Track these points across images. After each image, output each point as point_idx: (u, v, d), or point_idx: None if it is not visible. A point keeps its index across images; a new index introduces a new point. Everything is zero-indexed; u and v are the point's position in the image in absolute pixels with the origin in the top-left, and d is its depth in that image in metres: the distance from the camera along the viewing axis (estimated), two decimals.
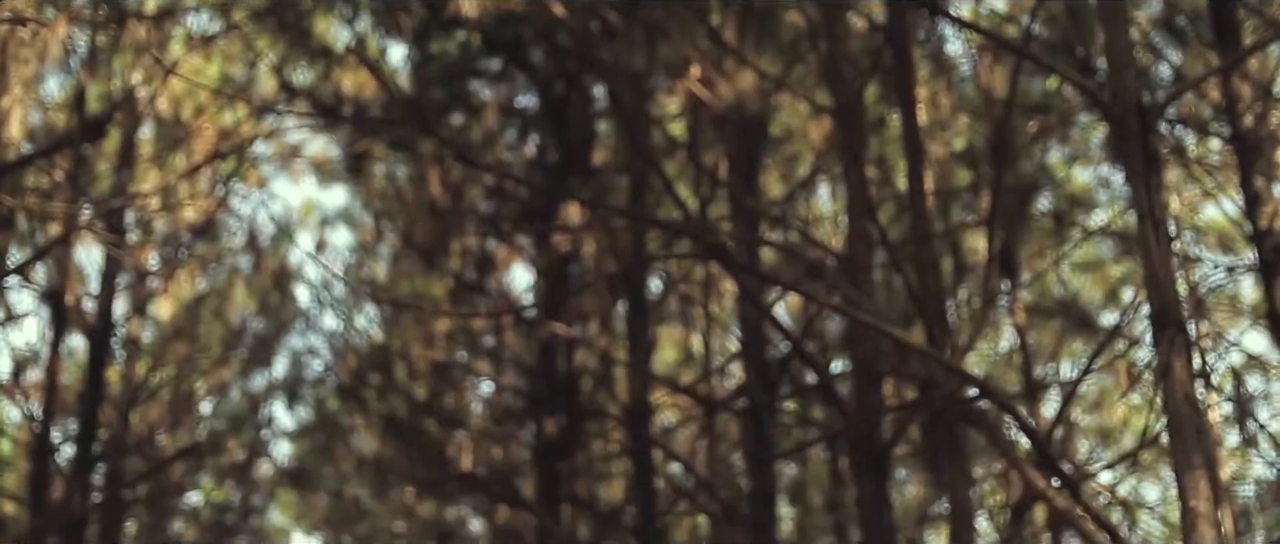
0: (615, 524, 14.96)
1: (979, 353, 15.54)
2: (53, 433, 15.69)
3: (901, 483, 17.39)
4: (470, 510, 19.53)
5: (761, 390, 12.09)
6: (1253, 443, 10.80)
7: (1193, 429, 6.14)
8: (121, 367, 18.29)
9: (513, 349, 16.96)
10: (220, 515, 21.09)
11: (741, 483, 14.32)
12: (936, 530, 17.51)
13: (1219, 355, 10.91)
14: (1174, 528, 14.27)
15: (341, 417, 20.60)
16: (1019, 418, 6.87)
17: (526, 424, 16.43)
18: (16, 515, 16.48)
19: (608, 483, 17.77)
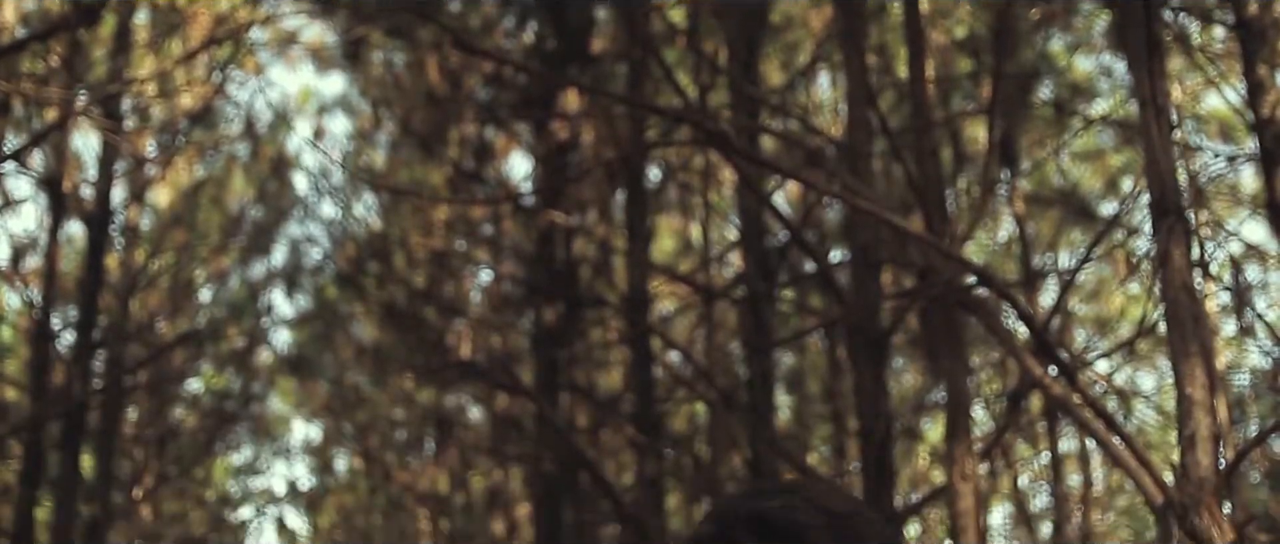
0: (613, 411, 15.05)
1: (978, 242, 15.54)
2: (53, 319, 15.72)
3: (899, 371, 17.48)
4: (469, 398, 19.65)
5: (760, 279, 12.10)
6: (1249, 332, 10.83)
7: (1190, 317, 6.14)
8: (120, 254, 18.29)
9: (511, 237, 16.96)
10: (220, 402, 21.22)
11: (739, 371, 14.38)
12: (933, 418, 17.63)
13: (1218, 245, 10.91)
14: (1169, 417, 14.34)
15: (340, 305, 20.66)
16: (1017, 306, 6.88)
17: (525, 312, 16.47)
18: (18, 401, 16.57)
19: (606, 371, 17.85)
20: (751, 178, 10.69)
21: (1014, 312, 8.58)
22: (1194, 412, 5.92)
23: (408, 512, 21.86)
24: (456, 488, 20.92)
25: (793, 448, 15.34)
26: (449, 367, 16.61)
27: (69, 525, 15.02)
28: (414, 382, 20.32)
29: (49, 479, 15.45)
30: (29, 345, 16.32)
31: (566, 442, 13.32)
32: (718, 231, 15.92)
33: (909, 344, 14.98)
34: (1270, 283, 15.00)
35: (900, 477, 15.50)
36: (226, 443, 22.71)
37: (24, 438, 14.45)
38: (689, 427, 17.86)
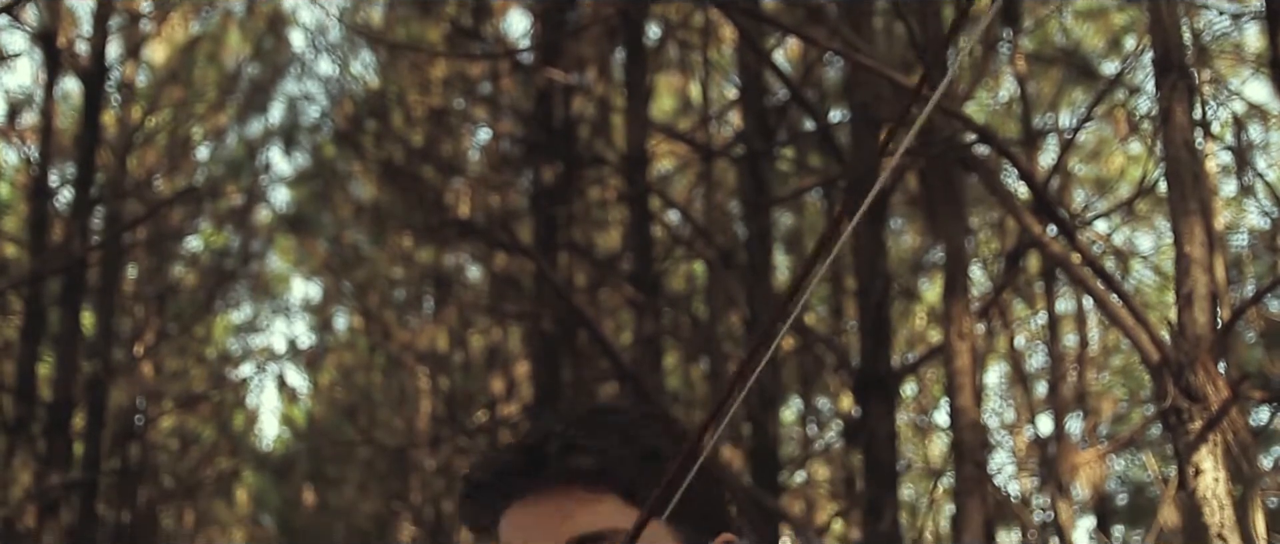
0: (612, 270, 15.07)
1: (978, 101, 15.45)
2: (50, 176, 15.69)
3: (897, 231, 17.48)
4: (468, 256, 19.68)
5: (759, 137, 12.05)
6: (1249, 192, 10.81)
7: (1190, 175, 6.12)
8: (117, 110, 18.21)
9: (510, 95, 16.86)
10: (219, 260, 21.26)
11: (738, 230, 14.39)
12: (931, 278, 17.67)
13: (1220, 104, 10.85)
14: (1167, 277, 14.38)
15: (339, 162, 20.61)
16: (1017, 164, 6.85)
17: (524, 170, 16.43)
18: (17, 257, 16.60)
19: (605, 229, 17.85)
20: (751, 35, 10.60)
21: (1014, 170, 8.56)
22: (1192, 270, 5.92)
23: (407, 370, 21.99)
24: (455, 346, 21.04)
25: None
26: (447, 225, 16.62)
27: (70, 381, 15.12)
28: (413, 240, 20.34)
29: (50, 335, 15.52)
30: (27, 202, 16.31)
31: (565, 300, 13.36)
32: (717, 90, 15.82)
33: (908, 203, 14.96)
34: (1272, 143, 14.96)
35: (897, 336, 15.57)
36: (226, 300, 22.79)
37: (24, 293, 14.50)
38: (687, 286, 17.91)
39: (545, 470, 1.65)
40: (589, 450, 1.65)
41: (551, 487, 1.65)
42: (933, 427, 19.12)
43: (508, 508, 1.67)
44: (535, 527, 1.64)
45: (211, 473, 23.15)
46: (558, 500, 1.64)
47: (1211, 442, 5.61)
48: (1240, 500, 6.14)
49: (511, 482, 1.67)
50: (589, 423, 1.69)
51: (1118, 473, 19.94)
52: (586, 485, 1.64)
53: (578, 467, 1.64)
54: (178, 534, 24.52)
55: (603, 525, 1.62)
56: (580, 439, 1.66)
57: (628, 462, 1.65)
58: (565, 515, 1.63)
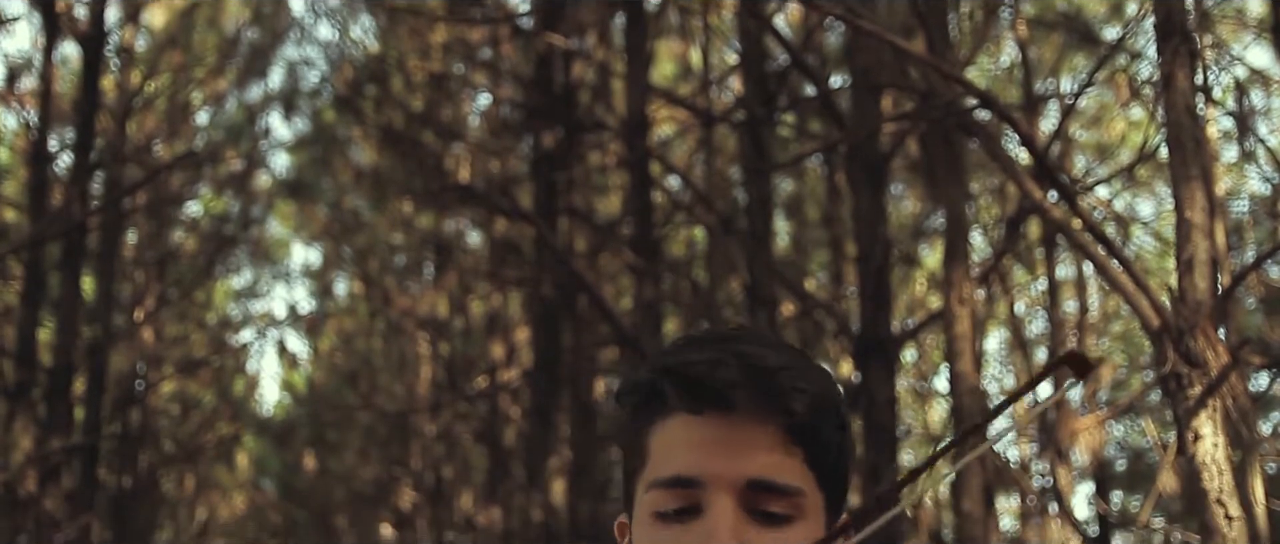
0: (612, 235, 15.07)
1: (979, 66, 15.41)
2: (50, 141, 15.67)
3: (898, 197, 17.46)
4: (468, 221, 19.67)
5: (760, 102, 12.02)
6: (1250, 158, 10.80)
7: (1192, 141, 6.10)
8: (116, 75, 18.17)
9: (510, 60, 16.82)
10: (219, 225, 21.25)
11: (738, 195, 14.37)
12: (931, 243, 17.67)
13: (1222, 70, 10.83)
14: (1167, 244, 14.37)
15: (339, 128, 20.59)
16: (1018, 129, 6.83)
17: (524, 136, 16.41)
18: (17, 222, 16.59)
19: (605, 195, 17.84)
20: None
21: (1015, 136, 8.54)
22: (1193, 235, 5.91)
23: (407, 335, 22.01)
24: (455, 312, 21.05)
25: (791, 273, 15.40)
26: (448, 190, 16.61)
27: (70, 346, 15.13)
28: (413, 205, 20.32)
29: (50, 300, 15.53)
30: (27, 167, 16.29)
31: (565, 266, 13.36)
32: (717, 55, 15.78)
33: (909, 169, 14.94)
34: (1273, 108, 14.92)
35: (897, 301, 15.57)
36: (226, 266, 22.80)
37: (24, 258, 14.49)
38: (688, 251, 17.91)
39: (767, 400, 1.53)
40: (808, 399, 1.54)
41: (757, 417, 1.53)
42: (932, 392, 19.16)
43: (701, 413, 1.54)
44: (721, 448, 1.52)
45: (212, 438, 23.20)
46: (755, 432, 1.52)
47: (1211, 407, 5.61)
48: (1239, 466, 6.14)
49: (728, 393, 1.53)
50: (807, 369, 1.57)
51: (1117, 439, 19.99)
52: (790, 432, 1.53)
53: (794, 411, 1.53)
54: (178, 499, 24.59)
55: (790, 480, 1.52)
56: (805, 383, 1.54)
57: (829, 424, 1.56)
58: (755, 450, 1.52)
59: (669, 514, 1.54)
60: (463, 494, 21.58)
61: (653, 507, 1.56)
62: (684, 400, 1.55)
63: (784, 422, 1.53)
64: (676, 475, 1.54)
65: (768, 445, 1.53)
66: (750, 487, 1.52)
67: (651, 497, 1.56)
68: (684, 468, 1.53)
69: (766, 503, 1.52)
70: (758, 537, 1.51)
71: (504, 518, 17.71)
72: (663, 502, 1.55)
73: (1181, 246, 5.95)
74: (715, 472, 1.52)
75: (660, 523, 1.55)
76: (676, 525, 1.54)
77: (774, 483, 1.52)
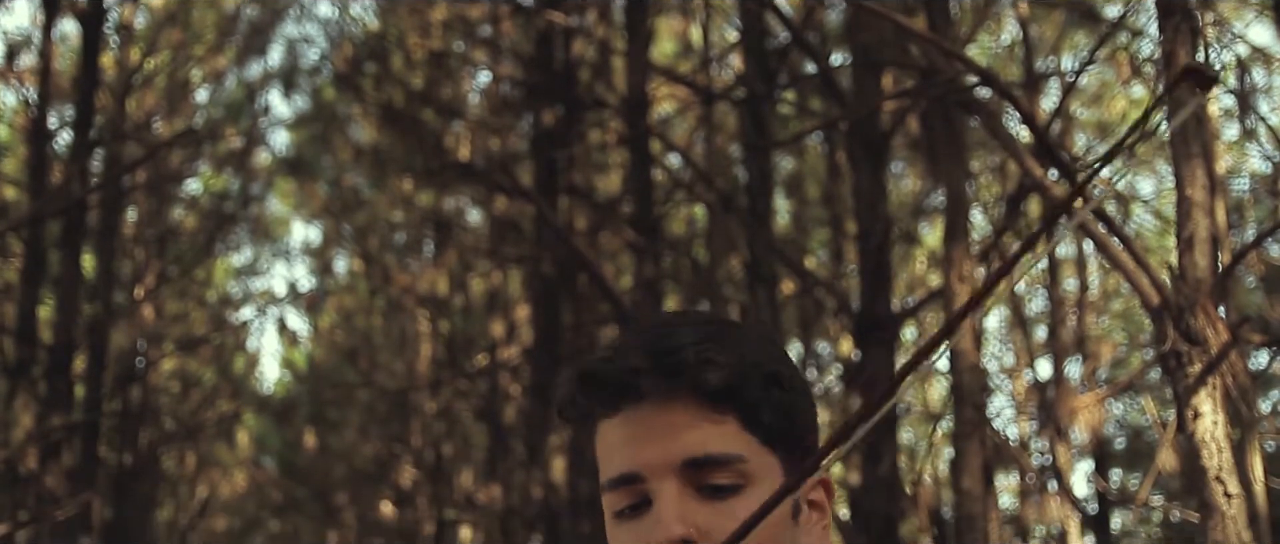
0: (612, 213, 15.06)
1: (980, 44, 15.38)
2: (49, 118, 15.65)
3: (898, 175, 17.45)
4: (468, 199, 19.65)
5: (760, 80, 12.00)
6: (1251, 136, 10.79)
7: (1193, 117, 6.10)
8: (116, 52, 18.14)
9: (510, 38, 16.79)
10: (219, 203, 21.24)
11: (739, 173, 14.36)
12: (932, 222, 17.66)
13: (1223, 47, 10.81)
14: (1167, 222, 14.37)
15: (338, 105, 20.56)
16: (1019, 106, 6.82)
17: (524, 113, 16.39)
18: (17, 199, 16.58)
19: (605, 173, 17.83)
20: None
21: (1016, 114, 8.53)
22: (1193, 213, 5.90)
23: (407, 313, 22.00)
24: (455, 290, 21.04)
25: (791, 251, 15.39)
26: (448, 168, 16.59)
27: (71, 324, 15.14)
28: (413, 183, 20.30)
29: (50, 278, 15.53)
30: (26, 144, 16.28)
31: (565, 243, 13.35)
32: (718, 32, 15.76)
33: (909, 147, 14.93)
34: (1275, 86, 14.90)
35: (898, 280, 15.58)
36: (226, 243, 22.79)
37: (24, 236, 14.49)
38: (688, 229, 17.90)
39: (674, 378, 1.55)
40: (723, 366, 1.55)
41: (673, 397, 1.55)
42: (932, 371, 19.15)
43: (619, 409, 1.58)
44: (649, 437, 1.55)
45: (212, 415, 23.22)
46: (676, 412, 1.55)
47: (1210, 385, 5.62)
48: (1239, 444, 6.15)
49: (633, 382, 1.56)
50: (721, 336, 1.58)
51: (1116, 417, 20.01)
52: (712, 403, 1.54)
53: (708, 382, 1.54)
54: (179, 476, 24.62)
55: (725, 449, 1.54)
56: (715, 353, 1.55)
57: (754, 384, 1.56)
58: (682, 430, 1.54)
59: (624, 512, 1.58)
60: (463, 472, 21.61)
61: (611, 508, 1.60)
62: (598, 403, 1.60)
63: (700, 395, 1.55)
64: (618, 474, 1.58)
65: (692, 422, 1.55)
66: (687, 465, 1.55)
67: (608, 500, 1.60)
68: (621, 466, 1.58)
69: (709, 477, 1.54)
70: (706, 513, 1.53)
71: (504, 495, 17.74)
72: (616, 502, 1.59)
73: (1182, 224, 5.95)
74: (649, 461, 1.55)
75: (619, 522, 1.59)
76: (632, 521, 1.57)
77: (709, 456, 1.54)
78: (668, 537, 1.52)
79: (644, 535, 1.55)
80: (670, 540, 1.52)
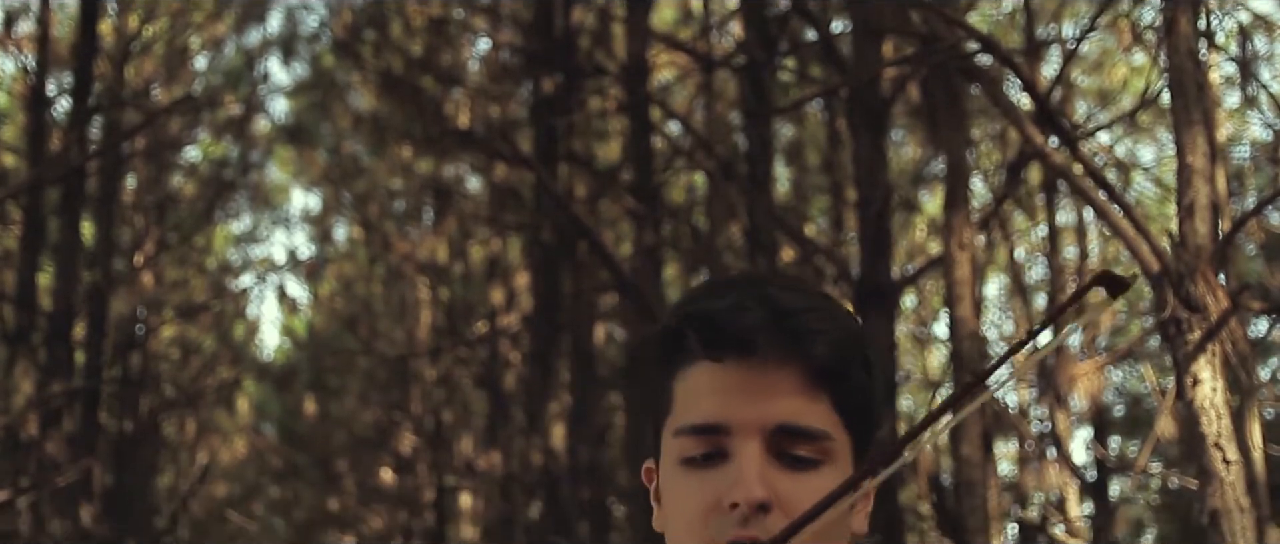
0: (612, 181, 15.05)
1: (981, 11, 15.35)
2: (48, 85, 15.63)
3: (899, 142, 17.43)
4: (467, 167, 19.63)
5: (760, 47, 11.98)
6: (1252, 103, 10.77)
7: (1194, 86, 6.09)
8: (114, 20, 18.09)
9: (509, 5, 16.74)
10: (218, 170, 21.21)
11: (739, 140, 14.34)
12: (932, 190, 17.64)
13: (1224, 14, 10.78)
14: (1168, 190, 14.35)
15: (338, 73, 20.51)
16: (1020, 73, 6.82)
17: (523, 81, 16.36)
18: (16, 167, 16.57)
19: (605, 140, 17.80)
20: None
21: (1016, 81, 8.52)
22: (1194, 180, 5.91)
23: (407, 281, 22.00)
24: (455, 257, 21.04)
25: (791, 218, 15.39)
26: (447, 136, 16.56)
27: (70, 291, 15.14)
28: (412, 151, 20.27)
29: (50, 245, 15.53)
30: (25, 111, 16.25)
31: (565, 211, 13.35)
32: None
33: (909, 114, 14.91)
34: (1276, 54, 14.87)
35: (897, 247, 15.57)
36: (225, 211, 22.77)
37: (23, 203, 14.48)
38: (688, 197, 17.89)
39: (791, 344, 1.52)
40: (832, 342, 1.53)
41: (782, 362, 1.52)
42: (932, 338, 19.18)
43: (725, 359, 1.53)
44: (746, 393, 1.52)
45: (213, 382, 23.24)
46: (780, 377, 1.52)
47: (1210, 352, 5.63)
48: (1238, 411, 6.16)
49: (751, 338, 1.52)
50: (831, 311, 1.56)
51: (1115, 384, 20.04)
52: (815, 376, 1.52)
53: (818, 354, 1.52)
54: (179, 443, 24.66)
55: (816, 424, 1.52)
56: (827, 325, 1.53)
57: (854, 365, 1.54)
58: (781, 396, 1.51)
59: (696, 460, 1.54)
60: (463, 438, 21.64)
61: (680, 453, 1.56)
62: (706, 347, 1.54)
63: (808, 365, 1.53)
64: (703, 422, 1.54)
65: (793, 389, 1.52)
66: (777, 431, 1.52)
67: (678, 443, 1.56)
68: (710, 415, 1.54)
69: (793, 447, 1.52)
70: (785, 481, 1.51)
71: (504, 462, 17.78)
72: (689, 448, 1.55)
73: (1182, 191, 5.95)
74: (741, 417, 1.52)
75: (687, 469, 1.55)
76: (703, 471, 1.54)
77: (801, 427, 1.52)
78: (748, 496, 1.50)
79: (719, 488, 1.52)
80: (751, 500, 1.50)
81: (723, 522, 1.51)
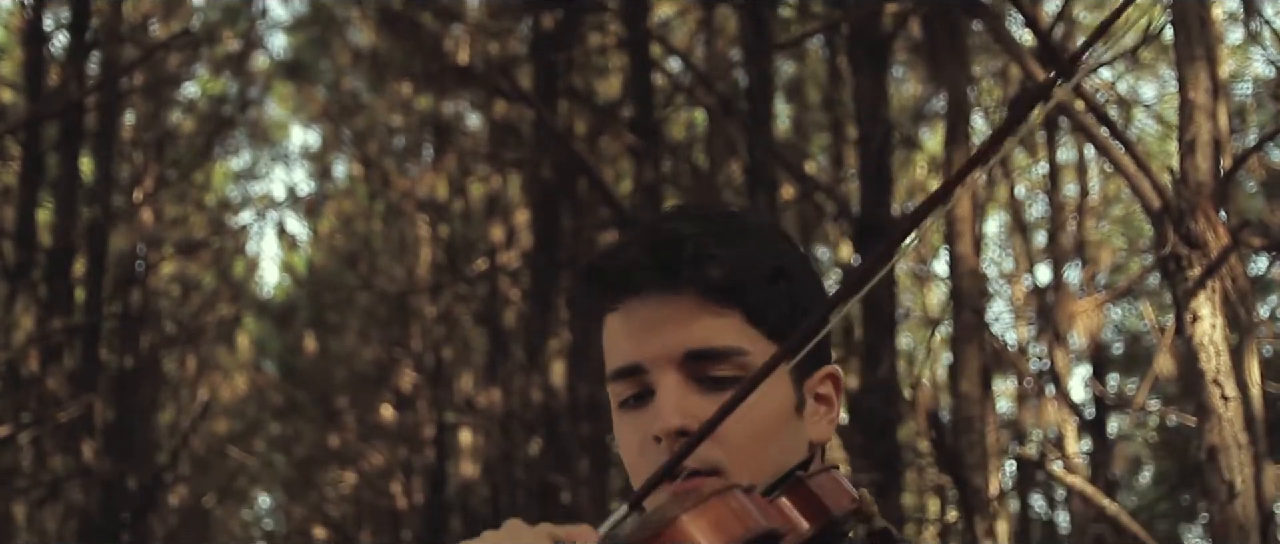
0: (612, 117, 15.00)
1: None
2: (45, 20, 15.54)
3: (900, 79, 17.36)
4: (467, 104, 19.58)
5: None
6: (1256, 39, 10.72)
7: (1196, 21, 6.06)
8: None
9: None
10: (217, 107, 21.16)
11: (739, 77, 14.29)
12: (932, 127, 17.60)
13: None
14: (1169, 127, 14.31)
15: (337, 8, 20.41)
16: (1021, 9, 6.77)
17: (523, 17, 16.28)
18: (14, 102, 16.52)
19: (605, 76, 17.74)
20: None
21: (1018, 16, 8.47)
22: (1196, 116, 5.88)
23: (406, 218, 21.99)
24: (455, 194, 21.02)
25: (791, 155, 15.36)
26: (447, 72, 16.51)
27: (70, 227, 15.13)
28: (412, 87, 20.21)
29: (48, 181, 15.50)
30: (22, 46, 16.18)
31: (565, 148, 13.31)
32: None
33: (910, 50, 14.84)
34: None
35: (898, 184, 15.54)
36: (225, 147, 22.73)
37: (21, 139, 14.45)
38: (688, 133, 17.85)
39: (675, 273, 1.56)
40: (725, 260, 1.56)
41: (675, 291, 1.56)
42: (931, 275, 19.19)
43: (623, 302, 1.59)
44: (650, 329, 1.57)
45: (213, 319, 23.28)
46: (678, 306, 1.56)
47: (1210, 288, 5.62)
48: (1237, 348, 6.17)
49: (635, 276, 1.57)
50: (724, 231, 1.59)
51: (1115, 321, 20.07)
52: (714, 297, 1.56)
53: (710, 276, 1.56)
54: (180, 379, 24.73)
55: (726, 342, 1.56)
56: (716, 247, 1.57)
57: (759, 279, 1.57)
58: (684, 323, 1.56)
59: (629, 402, 1.61)
60: (463, 375, 21.70)
61: (616, 399, 1.62)
62: (601, 297, 1.62)
63: (703, 288, 1.56)
64: (620, 366, 1.60)
65: (694, 315, 1.57)
66: (688, 358, 1.56)
67: (612, 390, 1.62)
68: (623, 358, 1.60)
69: (710, 369, 1.56)
70: (709, 404, 1.53)
71: (504, 399, 17.83)
72: (620, 392, 1.61)
73: (1184, 127, 5.93)
74: (650, 353, 1.57)
75: (623, 412, 1.62)
76: (635, 411, 1.60)
77: (708, 349, 1.56)
78: (665, 427, 1.54)
79: (644, 426, 1.57)
80: (668, 430, 1.54)
81: (653, 455, 1.55)
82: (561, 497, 13.82)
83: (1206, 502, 5.71)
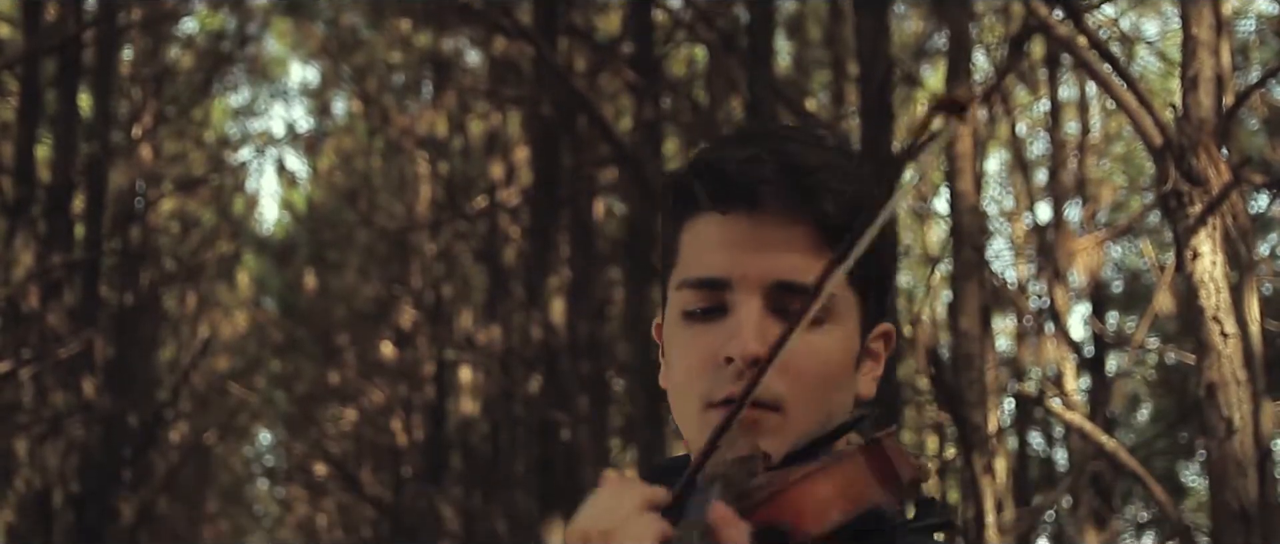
0: (613, 54, 14.95)
1: None
2: None
3: (901, 16, 17.28)
4: (467, 40, 19.49)
5: None
6: None
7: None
8: None
9: None
10: (216, 43, 21.07)
11: (740, 14, 14.22)
12: (934, 64, 17.53)
13: None
14: (1172, 65, 14.26)
15: None
16: None
17: None
18: (11, 37, 16.44)
19: (605, 13, 17.66)
20: None
21: None
22: (1199, 52, 5.85)
23: (406, 155, 21.95)
24: (455, 131, 20.97)
25: (792, 92, 15.31)
26: (446, 8, 16.42)
27: (69, 163, 15.10)
28: (411, 24, 20.11)
29: (47, 117, 15.46)
30: None
31: (565, 84, 13.27)
32: None
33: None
34: None
35: (899, 122, 15.50)
36: (223, 83, 22.65)
37: (19, 74, 14.39)
38: (688, 70, 17.78)
39: (797, 200, 1.49)
40: (844, 200, 1.50)
41: (790, 217, 1.50)
42: (932, 213, 19.17)
43: (732, 211, 1.51)
44: (751, 248, 1.50)
45: (212, 256, 23.28)
46: (790, 233, 1.50)
47: (1210, 225, 5.61)
48: (1236, 285, 6.16)
49: (760, 190, 1.49)
50: (844, 168, 1.52)
51: (1115, 260, 20.07)
52: (819, 233, 1.50)
53: (827, 212, 1.50)
54: (180, 316, 24.76)
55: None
56: (841, 184, 1.51)
57: (858, 226, 1.46)
58: (785, 251, 1.50)
59: (696, 313, 1.53)
60: (462, 313, 21.72)
61: (682, 305, 1.55)
62: (712, 198, 1.52)
63: (815, 222, 1.50)
64: (705, 275, 1.53)
65: (797, 246, 1.50)
66: (777, 287, 1.50)
67: (681, 296, 1.55)
68: (711, 268, 1.52)
69: (794, 304, 1.47)
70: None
71: (503, 336, 17.85)
72: (691, 301, 1.54)
73: (1187, 63, 5.90)
74: (742, 272, 1.51)
75: (688, 322, 1.54)
76: (703, 324, 1.53)
77: (803, 284, 1.48)
78: (743, 351, 1.48)
79: (716, 342, 1.50)
80: (746, 355, 1.48)
81: (719, 376, 1.50)
82: (561, 434, 13.85)
83: (1205, 438, 5.72)
